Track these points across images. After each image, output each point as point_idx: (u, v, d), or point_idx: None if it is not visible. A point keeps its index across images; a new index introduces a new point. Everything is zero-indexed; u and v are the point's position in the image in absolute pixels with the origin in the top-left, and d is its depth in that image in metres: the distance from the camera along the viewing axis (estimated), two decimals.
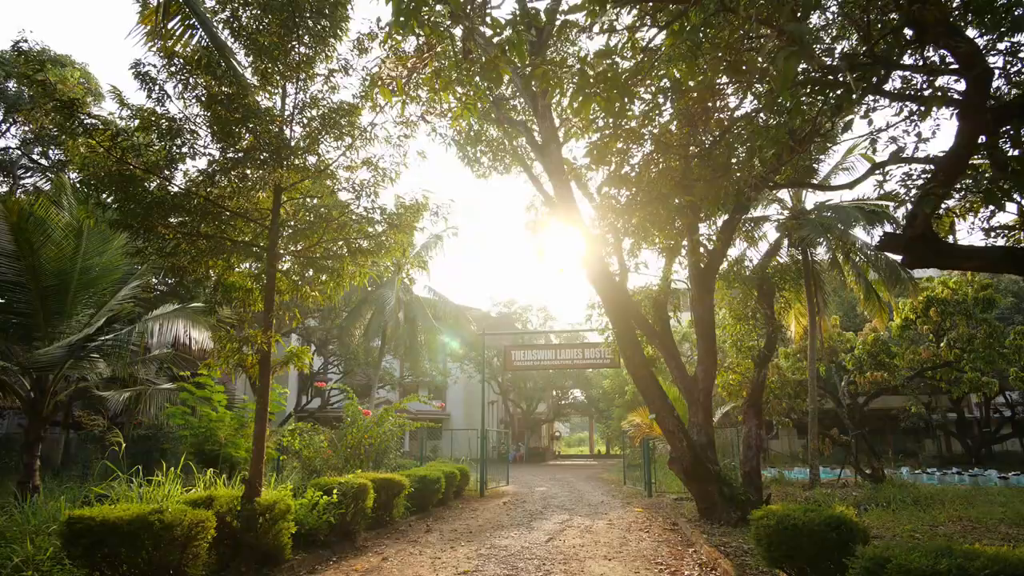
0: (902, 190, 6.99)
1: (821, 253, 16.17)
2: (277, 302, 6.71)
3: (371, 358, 25.16)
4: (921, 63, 5.68)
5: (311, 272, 6.99)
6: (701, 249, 10.34)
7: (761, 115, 7.23)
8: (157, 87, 5.68)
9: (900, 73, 7.05)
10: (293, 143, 6.16)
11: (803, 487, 13.32)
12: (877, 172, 7.08)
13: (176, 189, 5.77)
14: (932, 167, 6.20)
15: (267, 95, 6.41)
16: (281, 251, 6.09)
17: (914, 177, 6.83)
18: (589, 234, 9.64)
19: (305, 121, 6.33)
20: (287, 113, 6.24)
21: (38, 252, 9.86)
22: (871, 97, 6.98)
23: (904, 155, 5.41)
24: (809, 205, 16.31)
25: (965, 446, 25.08)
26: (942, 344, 15.98)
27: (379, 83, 3.92)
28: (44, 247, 9.89)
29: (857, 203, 15.07)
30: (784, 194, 16.12)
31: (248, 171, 5.71)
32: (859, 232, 15.64)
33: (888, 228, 15.80)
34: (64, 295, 10.39)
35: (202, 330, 9.58)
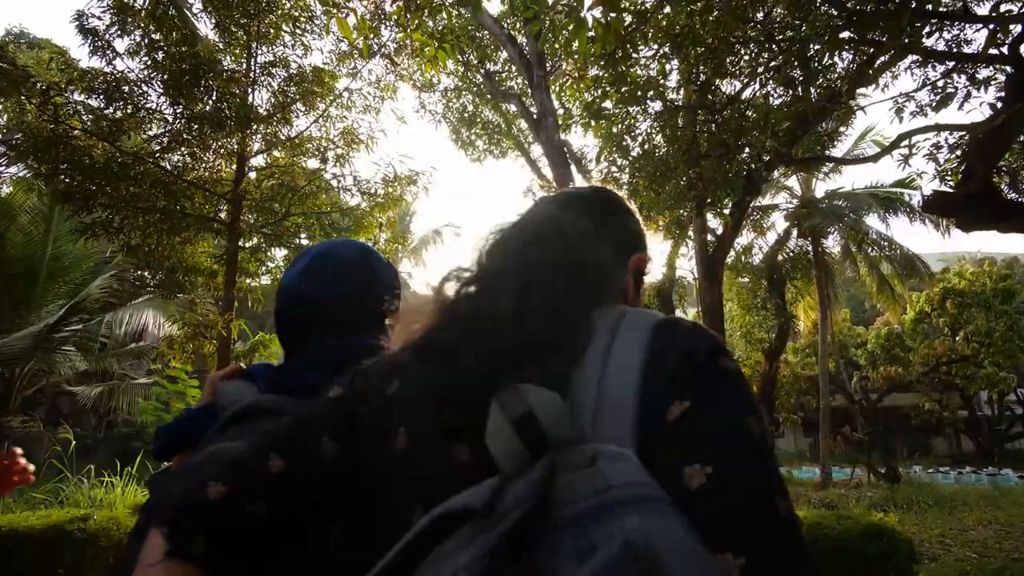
0: (930, 166, 6.36)
1: (832, 243, 15.53)
2: (245, 285, 6.11)
3: None
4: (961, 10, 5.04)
5: (284, 253, 6.40)
6: (708, 235, 9.72)
7: (771, 85, 6.63)
8: (103, 42, 5.08)
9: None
10: (264, 112, 5.57)
11: (815, 487, 12.69)
12: (903, 145, 6.47)
13: (124, 159, 5.16)
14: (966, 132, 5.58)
15: (232, 57, 5.81)
16: (244, 226, 5.48)
17: (944, 147, 6.21)
18: None
19: (275, 87, 5.72)
20: (253, 75, 5.63)
21: (2, 237, 9.28)
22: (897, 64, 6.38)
23: (938, 117, 4.75)
24: (819, 193, 15.70)
25: (977, 444, 24.40)
26: (958, 338, 15.31)
27: (335, 10, 3.32)
28: (8, 232, 9.31)
29: (870, 190, 14.42)
30: (793, 181, 15.48)
31: (206, 134, 5.10)
32: (873, 221, 14.97)
33: (903, 218, 15.16)
34: (32, 284, 9.80)
35: (182, 327, 9.03)
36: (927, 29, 5.42)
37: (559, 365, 0.54)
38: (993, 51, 4.80)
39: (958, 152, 5.99)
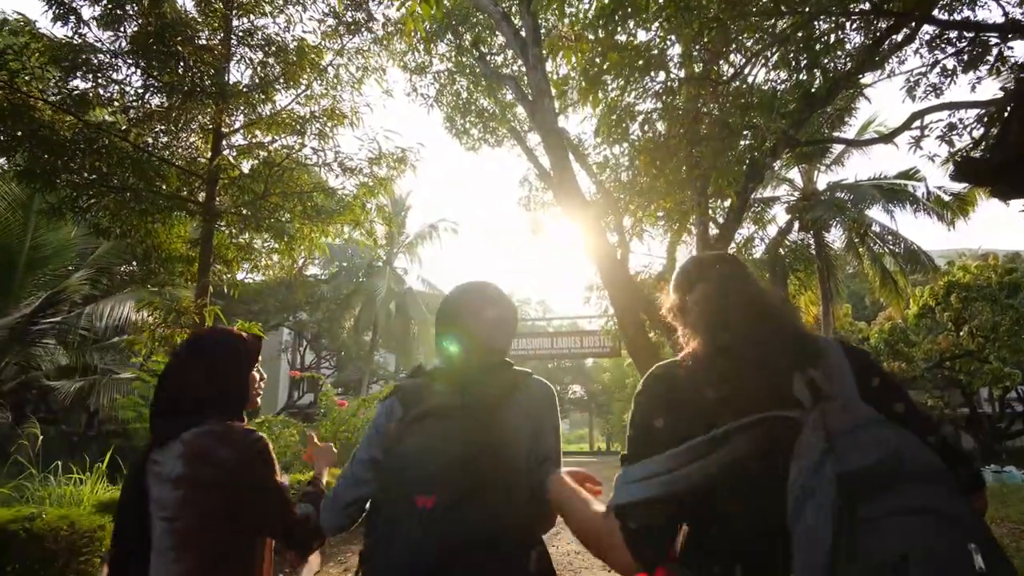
0: (943, 148, 6.06)
1: (834, 237, 15.22)
2: (223, 272, 5.79)
3: (363, 352, 24.26)
4: None
5: (266, 241, 6.09)
6: (710, 225, 9.40)
7: (774, 62, 6.34)
8: (67, 8, 4.76)
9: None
10: (243, 88, 5.24)
11: None
12: (914, 126, 6.17)
13: (91, 133, 4.82)
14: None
15: (209, 30, 5.48)
16: (221, 205, 5.15)
17: (959, 128, 5.91)
18: (588, 208, 8.72)
19: (255, 60, 5.39)
20: (231, 47, 5.30)
21: None
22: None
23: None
24: (821, 186, 15.40)
25: (978, 441, 24.18)
26: (963, 332, 15.03)
27: None
28: None
29: (874, 181, 14.13)
30: (795, 174, 15.19)
31: (176, 106, 4.77)
32: (876, 214, 14.66)
33: (908, 210, 14.84)
34: (11, 274, 9.44)
35: (153, 311, 8.68)
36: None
37: (813, 362, 1.03)
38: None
39: (975, 132, 5.69)
